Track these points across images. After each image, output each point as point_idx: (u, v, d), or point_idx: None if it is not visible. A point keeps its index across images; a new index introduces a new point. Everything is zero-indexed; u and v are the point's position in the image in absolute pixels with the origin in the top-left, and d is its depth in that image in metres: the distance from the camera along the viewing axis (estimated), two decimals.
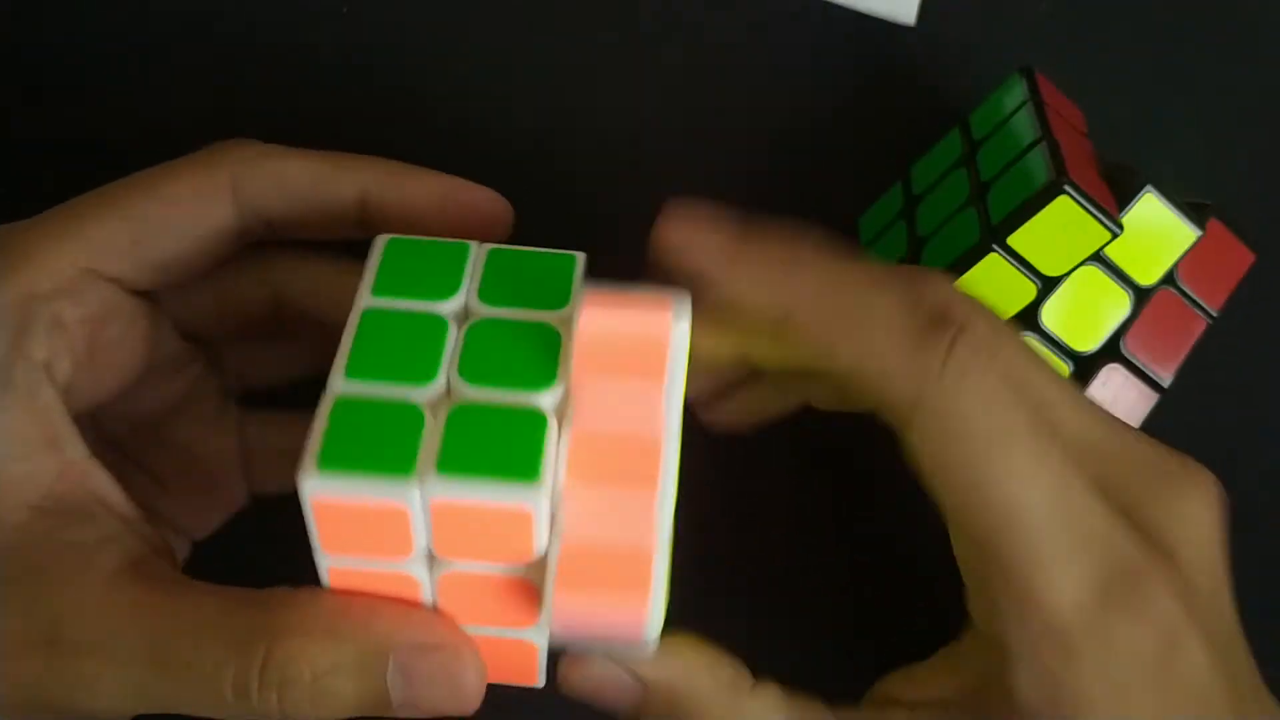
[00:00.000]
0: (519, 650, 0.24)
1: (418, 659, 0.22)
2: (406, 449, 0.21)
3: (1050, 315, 0.29)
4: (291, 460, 0.21)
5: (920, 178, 0.33)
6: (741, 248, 0.24)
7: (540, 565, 0.22)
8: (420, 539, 0.22)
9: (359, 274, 0.24)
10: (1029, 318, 0.29)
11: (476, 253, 0.25)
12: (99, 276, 0.25)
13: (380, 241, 0.25)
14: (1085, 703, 0.23)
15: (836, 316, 0.23)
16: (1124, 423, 0.25)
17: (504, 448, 0.21)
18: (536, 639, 0.24)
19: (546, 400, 0.22)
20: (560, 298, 0.24)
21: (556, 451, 0.22)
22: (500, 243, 0.25)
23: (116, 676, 0.22)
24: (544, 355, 0.23)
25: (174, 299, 0.28)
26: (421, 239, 0.25)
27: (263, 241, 0.28)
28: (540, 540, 0.22)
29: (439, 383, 0.23)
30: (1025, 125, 0.30)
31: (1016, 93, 0.31)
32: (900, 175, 0.34)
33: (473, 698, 0.23)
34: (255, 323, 0.29)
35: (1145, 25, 0.36)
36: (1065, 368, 0.30)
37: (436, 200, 0.27)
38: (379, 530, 0.22)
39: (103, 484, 0.25)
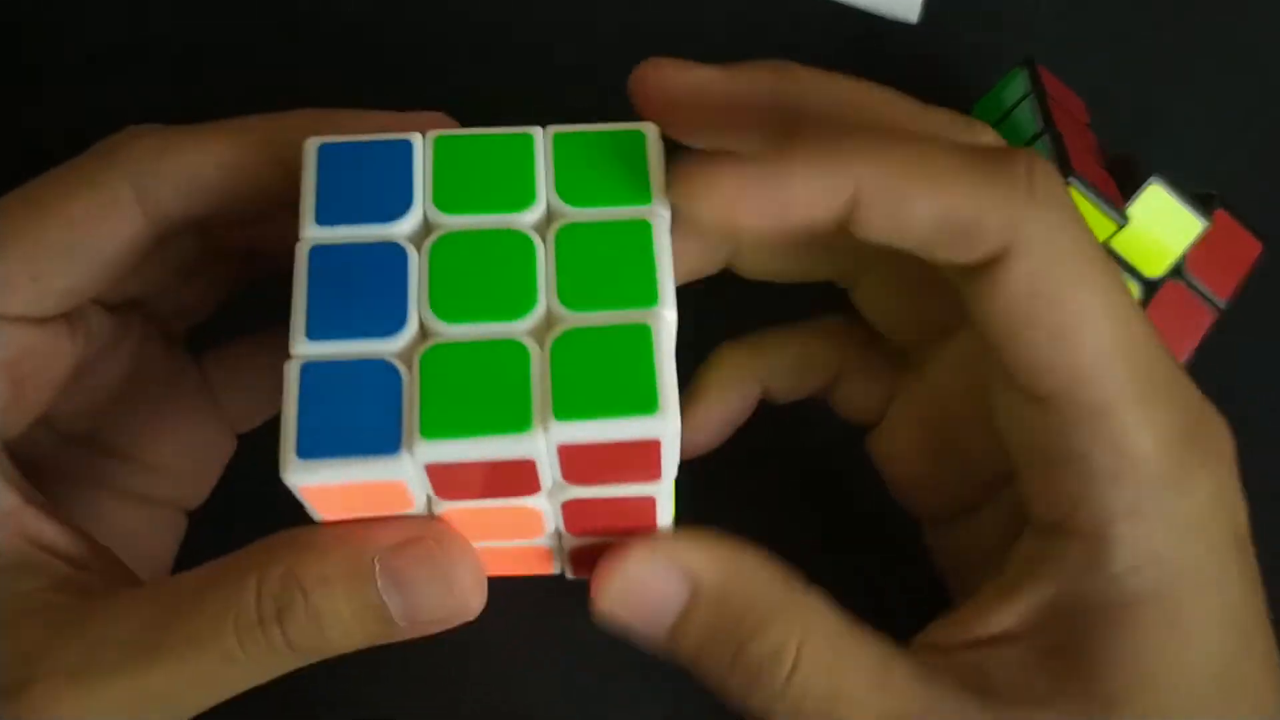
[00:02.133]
0: (533, 550, 0.24)
1: (403, 559, 0.21)
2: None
3: None
4: (263, 388, 0.20)
5: None
6: (789, 151, 0.21)
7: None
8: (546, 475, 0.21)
9: (227, 134, 0.23)
10: None
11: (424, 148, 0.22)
12: (3, 319, 0.23)
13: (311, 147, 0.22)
14: (1172, 569, 0.22)
15: (911, 174, 0.21)
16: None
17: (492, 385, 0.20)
18: (540, 505, 0.22)
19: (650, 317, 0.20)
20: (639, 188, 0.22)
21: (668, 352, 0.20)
22: None
23: (107, 690, 0.21)
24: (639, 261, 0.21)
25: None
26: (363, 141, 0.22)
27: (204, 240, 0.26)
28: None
29: (411, 329, 0.20)
30: (1028, 118, 0.30)
31: (1018, 85, 0.31)
32: None
33: (468, 594, 0.22)
34: (187, 265, 0.27)
35: (1148, 16, 0.36)
36: None
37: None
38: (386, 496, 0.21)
39: (41, 530, 0.23)
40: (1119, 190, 0.29)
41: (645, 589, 0.22)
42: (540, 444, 0.20)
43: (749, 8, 0.35)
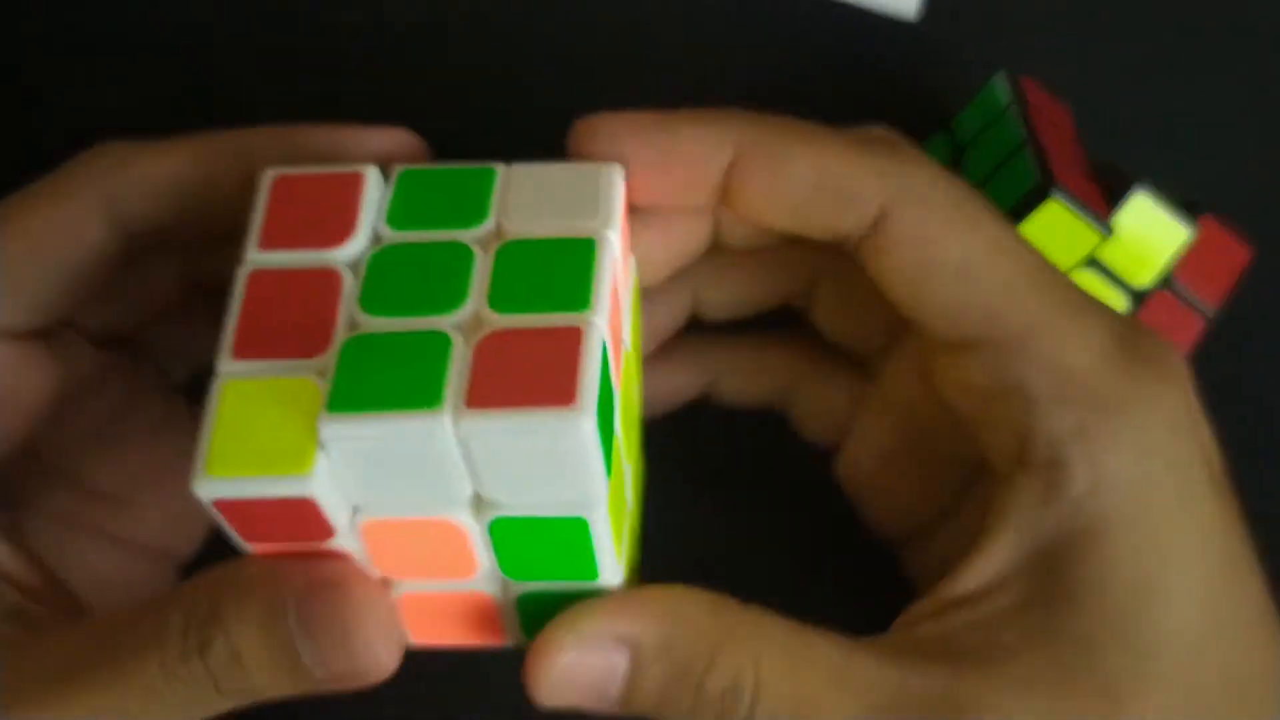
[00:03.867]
0: (475, 604, 0.22)
1: (312, 602, 0.20)
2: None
3: None
4: None
5: None
6: (672, 120, 0.23)
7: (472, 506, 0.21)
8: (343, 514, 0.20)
9: (195, 146, 0.23)
10: None
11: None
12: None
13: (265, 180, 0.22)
14: (1132, 488, 0.21)
15: (787, 135, 0.23)
16: None
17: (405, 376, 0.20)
18: (487, 588, 0.22)
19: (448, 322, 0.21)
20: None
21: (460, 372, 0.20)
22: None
23: None
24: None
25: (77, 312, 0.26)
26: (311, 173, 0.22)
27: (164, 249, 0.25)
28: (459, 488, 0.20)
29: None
30: (1011, 128, 0.30)
31: (1000, 95, 0.30)
32: None
33: (376, 650, 0.21)
34: (172, 301, 0.27)
35: (1140, 21, 0.35)
36: None
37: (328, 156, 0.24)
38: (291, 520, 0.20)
39: None
40: (1106, 200, 0.29)
41: (583, 672, 0.21)
42: (447, 428, 0.19)
43: (745, 4, 0.35)
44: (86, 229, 0.24)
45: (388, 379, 0.19)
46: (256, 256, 0.21)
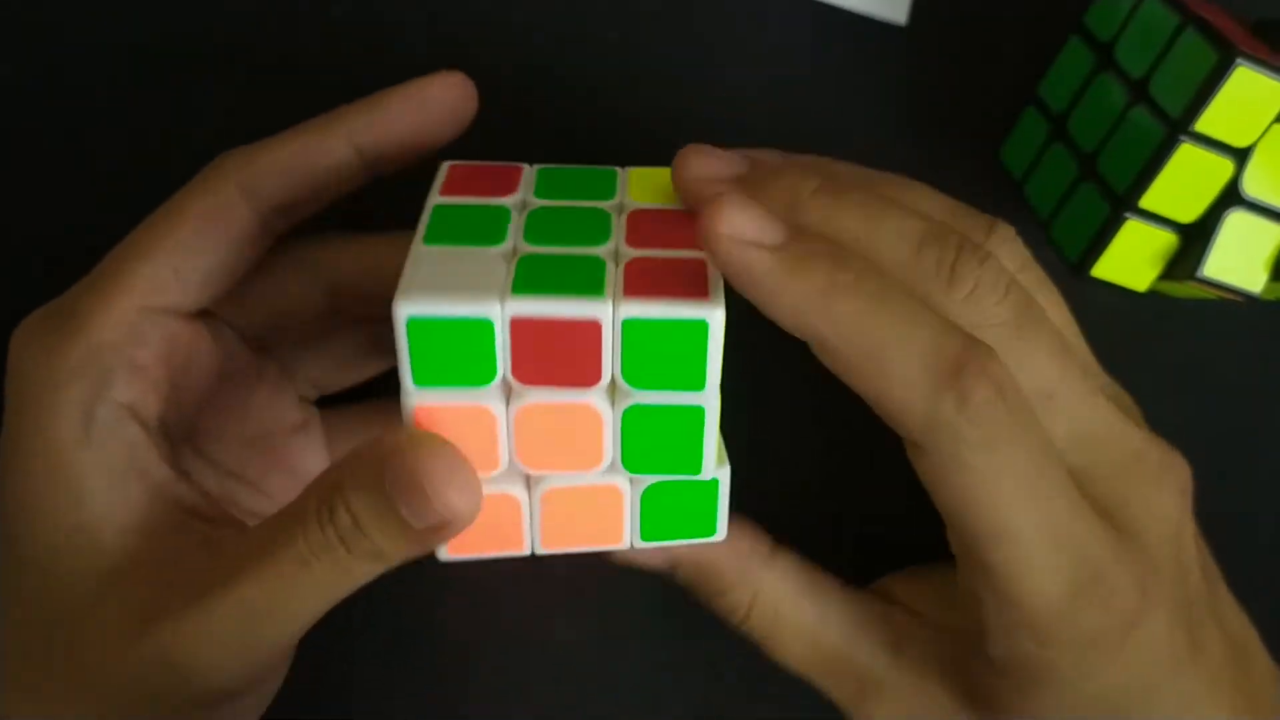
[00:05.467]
0: (603, 501, 0.26)
1: (395, 460, 0.24)
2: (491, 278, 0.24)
3: (1253, 183, 0.30)
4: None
5: (1055, 95, 0.33)
6: (791, 272, 0.25)
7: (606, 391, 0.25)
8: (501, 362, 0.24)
9: (402, 242, 0.26)
10: (1231, 194, 0.30)
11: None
12: (155, 311, 0.28)
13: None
14: (1052, 669, 0.27)
15: (863, 355, 0.25)
16: (1121, 409, 0.28)
17: (573, 274, 0.25)
18: (612, 480, 0.26)
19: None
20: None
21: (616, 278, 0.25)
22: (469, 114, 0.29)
23: (212, 610, 0.25)
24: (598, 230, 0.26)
25: (236, 316, 0.31)
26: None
27: (294, 229, 0.30)
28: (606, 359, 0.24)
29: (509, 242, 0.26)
30: (1158, 14, 0.30)
31: None
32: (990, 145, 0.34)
33: (439, 496, 0.24)
34: (317, 320, 0.31)
35: None
36: (1279, 232, 0.30)
37: (414, 119, 0.29)
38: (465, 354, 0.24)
39: (190, 498, 0.28)
40: (1273, 54, 0.29)
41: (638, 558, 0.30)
42: (608, 311, 0.24)
43: (738, 8, 0.35)
44: (234, 213, 0.28)
45: (557, 275, 0.25)
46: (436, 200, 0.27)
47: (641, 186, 0.28)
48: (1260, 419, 0.35)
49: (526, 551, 0.27)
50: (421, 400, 0.25)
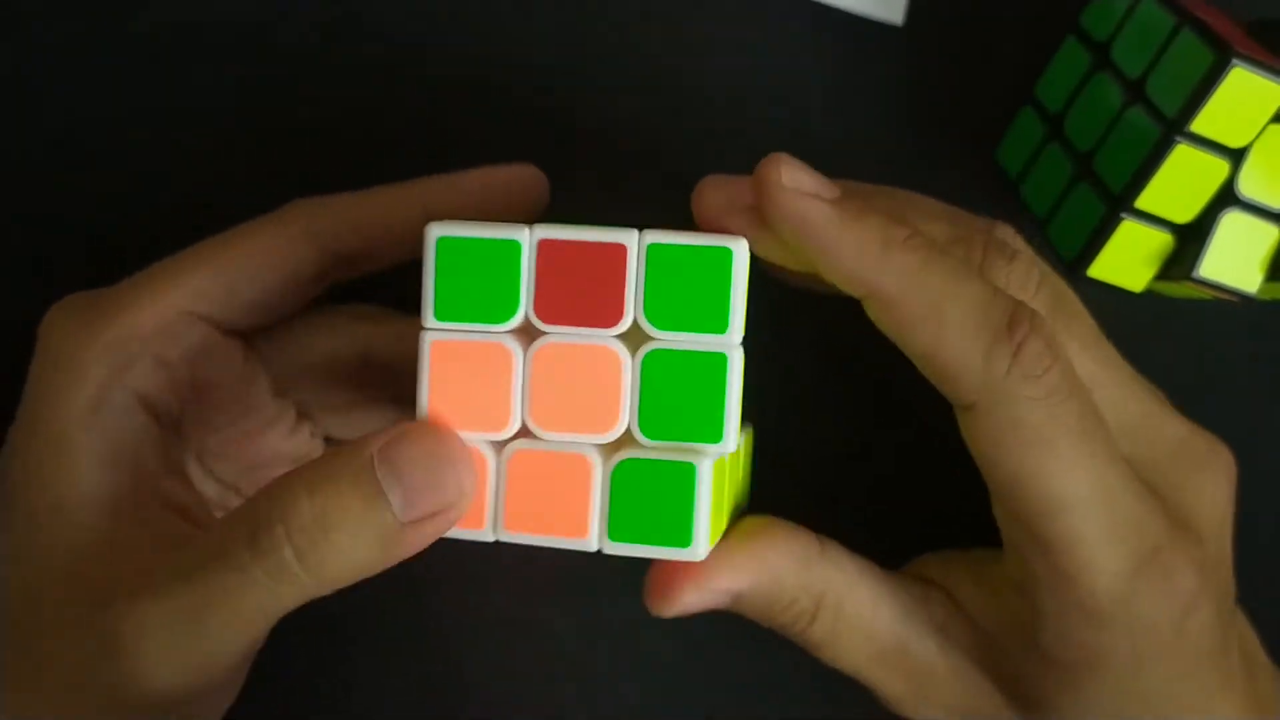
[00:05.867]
0: (570, 475, 0.25)
1: (395, 445, 0.24)
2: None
3: (1249, 184, 0.30)
4: None
5: (1051, 96, 0.33)
6: (846, 223, 0.25)
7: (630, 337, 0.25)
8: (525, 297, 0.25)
9: None
10: (1227, 194, 0.30)
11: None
12: (197, 318, 0.28)
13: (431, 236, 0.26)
14: (1106, 657, 0.26)
15: (921, 306, 0.25)
16: (1160, 398, 0.29)
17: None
18: (618, 350, 0.25)
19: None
20: None
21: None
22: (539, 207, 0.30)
23: (155, 607, 0.24)
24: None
25: (271, 355, 0.31)
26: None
27: (343, 287, 0.31)
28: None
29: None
30: (1154, 14, 0.30)
31: None
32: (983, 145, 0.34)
33: (460, 470, 0.24)
34: (346, 380, 0.32)
35: None
36: (1275, 232, 0.30)
37: (482, 193, 0.30)
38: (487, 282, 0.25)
39: (182, 497, 0.28)
40: (1270, 54, 0.29)
41: (697, 607, 0.28)
42: (634, 237, 0.24)
43: (736, 8, 0.35)
44: (296, 250, 0.29)
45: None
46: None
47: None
48: (1257, 419, 0.35)
49: (486, 531, 0.25)
50: (438, 337, 0.25)
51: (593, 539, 0.25)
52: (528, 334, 0.25)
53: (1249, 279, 0.30)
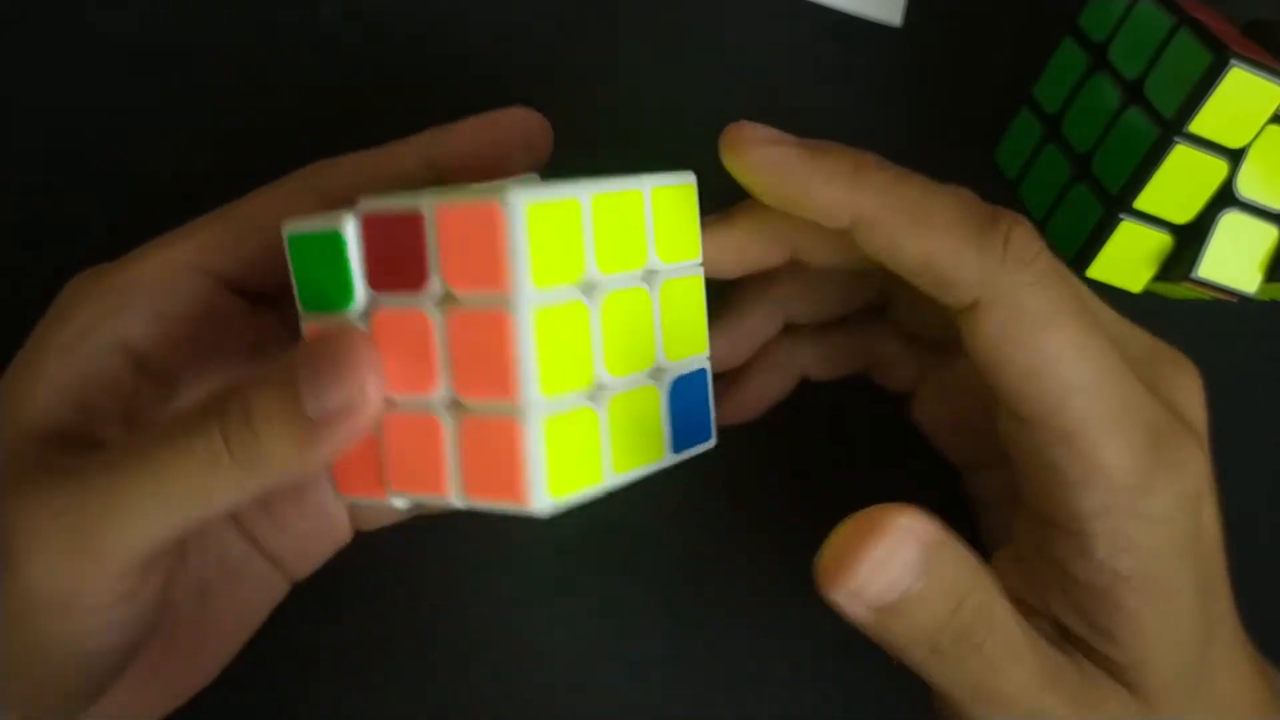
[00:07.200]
0: (501, 439, 0.24)
1: (315, 347, 0.24)
2: None
3: (1247, 184, 0.30)
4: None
5: (1049, 96, 0.34)
6: (813, 155, 0.26)
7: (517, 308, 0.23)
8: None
9: None
10: (1226, 195, 0.30)
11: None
12: (204, 272, 0.28)
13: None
14: (1145, 553, 0.26)
15: (906, 214, 0.26)
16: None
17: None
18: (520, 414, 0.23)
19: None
20: None
21: None
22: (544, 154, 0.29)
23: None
24: None
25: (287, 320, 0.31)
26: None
27: None
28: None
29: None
30: (1152, 15, 0.30)
31: None
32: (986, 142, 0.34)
33: (355, 374, 0.24)
34: None
35: None
36: (1274, 233, 0.30)
37: (485, 138, 0.29)
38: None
39: (109, 432, 0.28)
40: (1268, 55, 0.29)
41: (879, 577, 0.24)
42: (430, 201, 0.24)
43: (734, 9, 0.35)
44: (302, 204, 0.29)
45: None
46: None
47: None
48: (1256, 420, 0.35)
49: (449, 497, 0.25)
50: (310, 324, 0.26)
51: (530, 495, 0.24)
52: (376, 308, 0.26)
53: (1248, 279, 0.30)
